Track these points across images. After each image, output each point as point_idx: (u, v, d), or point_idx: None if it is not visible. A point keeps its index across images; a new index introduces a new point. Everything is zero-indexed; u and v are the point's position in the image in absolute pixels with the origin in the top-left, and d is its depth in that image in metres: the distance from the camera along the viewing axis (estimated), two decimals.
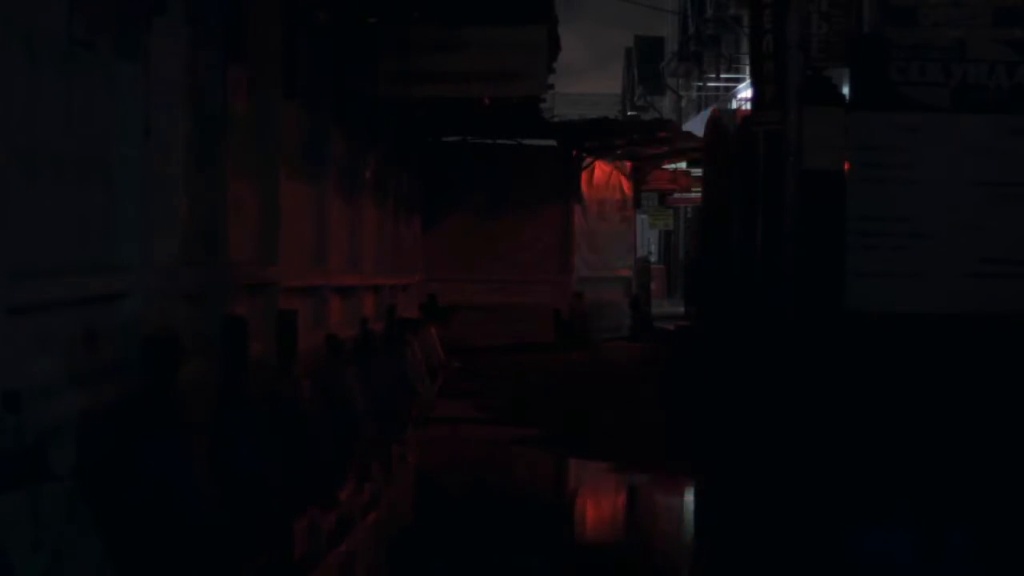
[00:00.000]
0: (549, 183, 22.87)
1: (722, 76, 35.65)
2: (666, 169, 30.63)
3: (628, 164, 26.06)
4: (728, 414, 12.77)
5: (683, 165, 30.20)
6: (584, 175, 24.33)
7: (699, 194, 32.40)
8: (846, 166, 13.10)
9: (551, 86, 17.48)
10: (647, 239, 45.36)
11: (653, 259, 41.18)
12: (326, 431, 10.17)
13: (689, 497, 10.83)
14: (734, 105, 31.66)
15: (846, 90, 13.65)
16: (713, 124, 19.44)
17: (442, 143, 22.99)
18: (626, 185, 26.13)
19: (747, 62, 32.99)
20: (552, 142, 23.50)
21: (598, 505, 10.73)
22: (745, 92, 28.58)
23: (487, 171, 22.48)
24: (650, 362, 20.03)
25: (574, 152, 23.55)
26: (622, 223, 26.01)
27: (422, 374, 16.23)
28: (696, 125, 26.75)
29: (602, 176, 25.14)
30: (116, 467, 5.84)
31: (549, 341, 22.21)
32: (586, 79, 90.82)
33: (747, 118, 16.19)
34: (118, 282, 6.56)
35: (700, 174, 29.04)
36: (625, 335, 24.84)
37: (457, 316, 21.63)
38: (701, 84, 38.89)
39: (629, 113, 50.73)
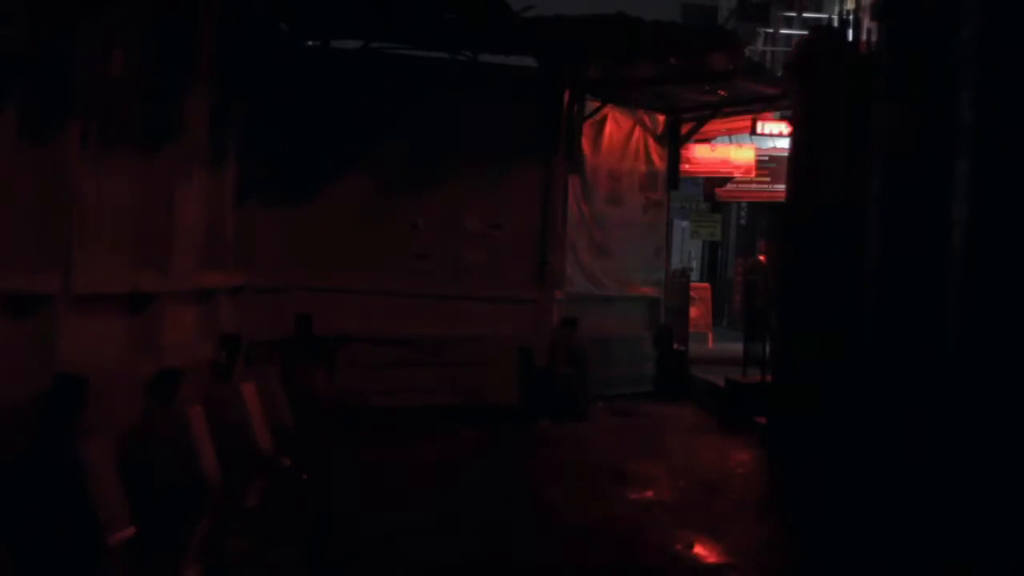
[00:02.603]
0: (522, 132, 16.47)
1: (805, 16, 30.68)
2: (718, 143, 25.26)
3: (660, 118, 19.69)
4: None
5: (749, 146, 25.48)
6: (588, 128, 18.04)
7: (764, 187, 27.13)
8: None
9: None
10: (687, 252, 43.11)
11: (694, 275, 36.11)
12: None
13: None
14: None
15: None
16: (819, 45, 13.98)
17: (327, 51, 16.15)
18: (656, 151, 19.74)
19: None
20: (530, 61, 16.88)
21: None
22: None
23: (410, 105, 16.03)
24: (699, 454, 13.65)
25: (566, 79, 16.70)
26: (648, 211, 19.90)
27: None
28: None
29: (618, 133, 18.94)
30: None
31: (510, 403, 15.92)
32: None
33: None
34: None
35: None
36: (647, 390, 19.20)
37: (348, 353, 15.37)
38: (771, 32, 34.57)
39: None
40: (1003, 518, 8.86)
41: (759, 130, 22.98)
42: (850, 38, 14.64)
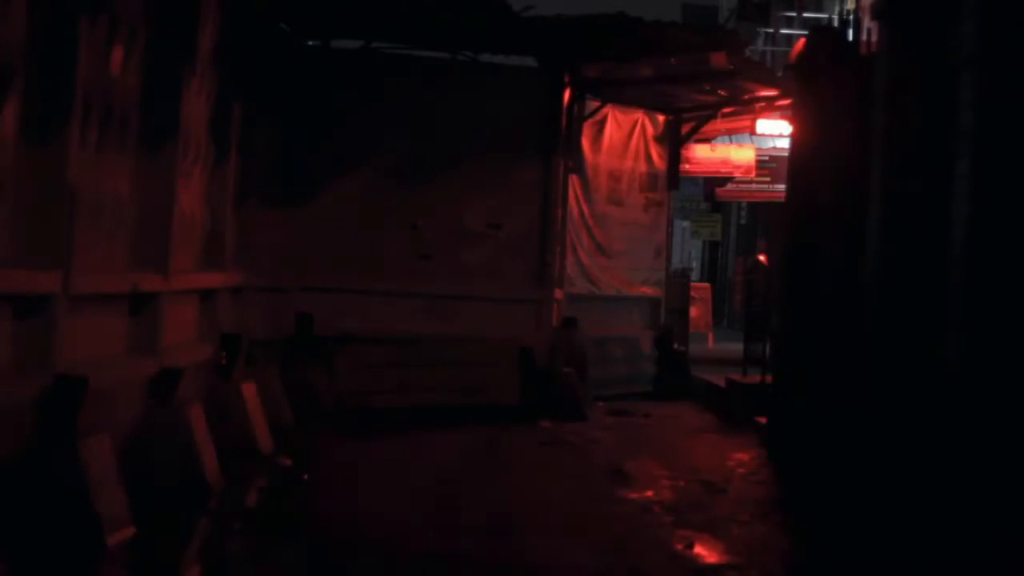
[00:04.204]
0: (522, 132, 16.16)
1: (805, 16, 30.40)
2: (718, 143, 24.84)
3: (660, 118, 19.39)
4: None
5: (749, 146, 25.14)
6: (588, 128, 17.78)
7: (764, 187, 26.96)
8: None
9: None
10: (687, 252, 42.83)
11: (694, 275, 36.30)
12: None
13: None
14: None
15: None
16: (819, 45, 13.61)
17: (328, 51, 15.83)
18: (656, 151, 19.42)
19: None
20: (530, 60, 16.61)
21: None
22: None
23: (410, 105, 15.69)
24: (699, 454, 13.48)
25: (567, 79, 16.36)
26: (649, 211, 19.57)
27: None
28: None
29: (618, 133, 18.65)
30: None
31: (511, 403, 15.66)
32: None
33: None
34: None
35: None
36: (647, 390, 18.92)
37: (348, 353, 15.02)
38: (771, 31, 34.54)
39: None
40: (1003, 518, 8.79)
41: (759, 130, 22.75)
42: (850, 38, 14.45)
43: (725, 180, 27.22)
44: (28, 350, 8.16)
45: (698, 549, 9.09)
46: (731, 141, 25.15)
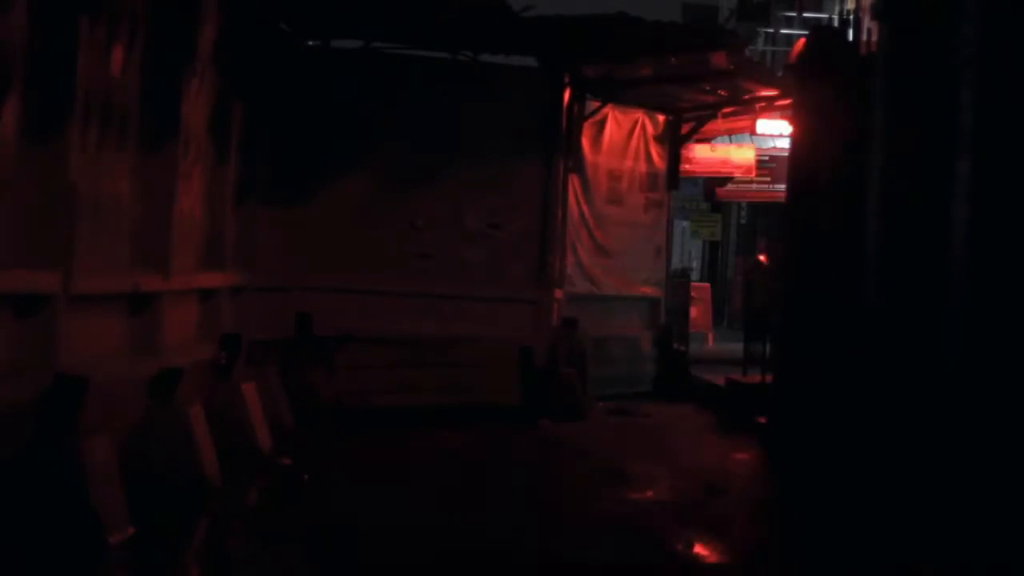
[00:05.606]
0: (522, 132, 16.07)
1: (805, 16, 30.11)
2: (718, 143, 24.86)
3: (660, 118, 19.20)
4: None
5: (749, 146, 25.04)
6: (588, 128, 17.60)
7: (764, 187, 26.95)
8: None
9: None
10: (687, 252, 42.48)
11: (694, 275, 35.53)
12: None
13: None
14: None
15: None
16: (819, 45, 13.67)
17: (327, 51, 15.74)
18: (656, 151, 19.23)
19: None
20: (531, 60, 16.50)
21: None
22: None
23: (410, 105, 15.60)
24: (699, 454, 13.37)
25: (567, 79, 16.28)
26: (649, 211, 19.34)
27: None
28: None
29: (618, 133, 18.44)
30: None
31: (511, 404, 15.50)
32: None
33: None
34: None
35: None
36: (647, 389, 18.76)
37: (348, 353, 14.96)
38: (771, 31, 34.38)
39: None
40: (1001, 517, 8.76)
41: (759, 130, 22.69)
42: (850, 38, 14.41)
43: (725, 180, 27.21)
44: (28, 350, 8.10)
45: (698, 549, 9.08)
46: (731, 141, 25.08)
